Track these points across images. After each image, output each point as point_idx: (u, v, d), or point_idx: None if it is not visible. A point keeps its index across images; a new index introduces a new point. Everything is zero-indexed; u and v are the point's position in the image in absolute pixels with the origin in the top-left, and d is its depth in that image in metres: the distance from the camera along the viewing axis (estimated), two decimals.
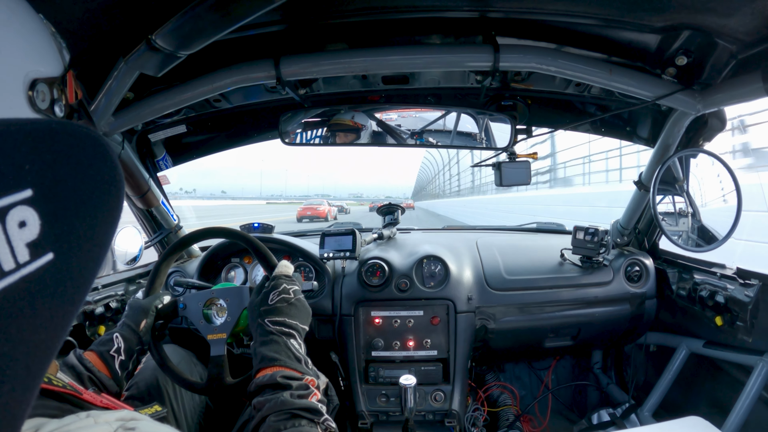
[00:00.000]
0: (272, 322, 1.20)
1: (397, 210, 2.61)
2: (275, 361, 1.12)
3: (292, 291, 1.28)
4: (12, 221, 0.35)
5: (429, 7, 1.46)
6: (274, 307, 1.23)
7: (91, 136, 0.42)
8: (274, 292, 1.26)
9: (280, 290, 1.26)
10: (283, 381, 1.07)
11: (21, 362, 0.35)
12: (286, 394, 1.04)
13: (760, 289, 1.67)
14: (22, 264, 0.35)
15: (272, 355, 1.13)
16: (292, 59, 1.56)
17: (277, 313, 1.22)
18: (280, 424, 0.98)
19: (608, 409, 2.39)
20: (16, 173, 0.35)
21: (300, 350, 1.19)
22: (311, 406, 1.03)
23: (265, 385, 1.07)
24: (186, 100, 1.64)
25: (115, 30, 1.20)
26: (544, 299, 2.23)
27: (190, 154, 2.45)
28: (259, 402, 1.05)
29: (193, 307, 1.45)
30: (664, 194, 1.87)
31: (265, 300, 1.24)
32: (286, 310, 1.23)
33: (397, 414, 2.09)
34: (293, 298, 1.27)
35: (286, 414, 1.00)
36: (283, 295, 1.25)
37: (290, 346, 1.17)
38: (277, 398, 1.03)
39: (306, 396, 1.06)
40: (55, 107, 0.69)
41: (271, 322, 1.20)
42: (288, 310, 1.23)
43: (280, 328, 1.19)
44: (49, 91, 0.67)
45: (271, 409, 1.01)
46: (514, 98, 2.03)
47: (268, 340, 1.17)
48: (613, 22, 1.42)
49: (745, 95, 1.39)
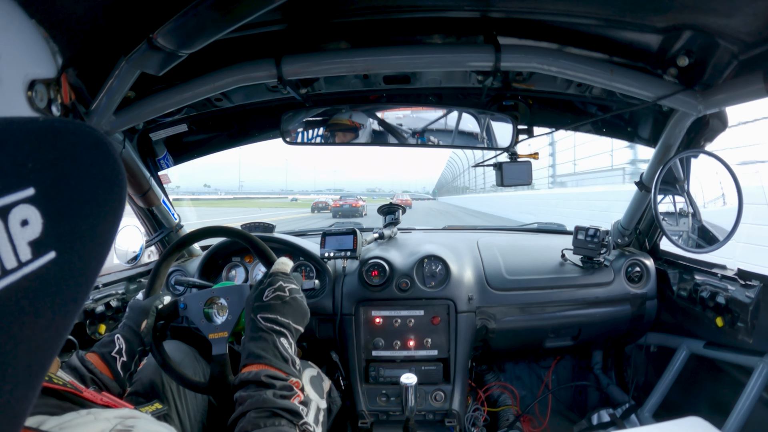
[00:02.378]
0: (264, 319, 1.19)
1: (398, 210, 2.61)
2: (261, 359, 1.12)
3: (288, 289, 1.27)
4: (14, 220, 0.35)
5: (430, 7, 1.46)
6: (267, 304, 1.22)
7: (93, 135, 0.42)
8: (269, 289, 1.25)
9: (276, 287, 1.25)
10: (267, 380, 1.07)
11: (23, 361, 0.35)
12: (269, 392, 1.05)
13: (761, 290, 1.66)
14: (24, 262, 0.35)
15: (259, 352, 1.13)
16: (294, 58, 1.56)
17: (270, 310, 1.21)
18: (260, 420, 0.99)
19: (608, 410, 2.39)
20: (18, 172, 0.35)
21: (289, 350, 1.18)
22: (292, 407, 1.04)
23: (249, 381, 1.08)
24: (187, 99, 1.64)
25: (117, 29, 1.20)
26: (545, 299, 2.23)
27: (191, 153, 2.45)
28: (242, 396, 1.06)
29: (194, 306, 1.44)
30: (665, 195, 1.87)
31: (260, 296, 1.24)
32: (279, 308, 1.22)
33: (397, 414, 2.09)
34: (288, 297, 1.25)
35: (267, 412, 1.01)
36: (278, 292, 1.25)
37: (278, 344, 1.17)
38: (260, 395, 1.04)
39: (288, 397, 1.07)
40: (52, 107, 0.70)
41: (263, 319, 1.19)
42: (281, 308, 1.23)
43: (271, 325, 1.19)
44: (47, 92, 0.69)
45: (252, 405, 1.02)
46: (516, 98, 2.04)
47: (257, 337, 1.17)
48: (615, 23, 1.42)
49: (746, 96, 1.39)
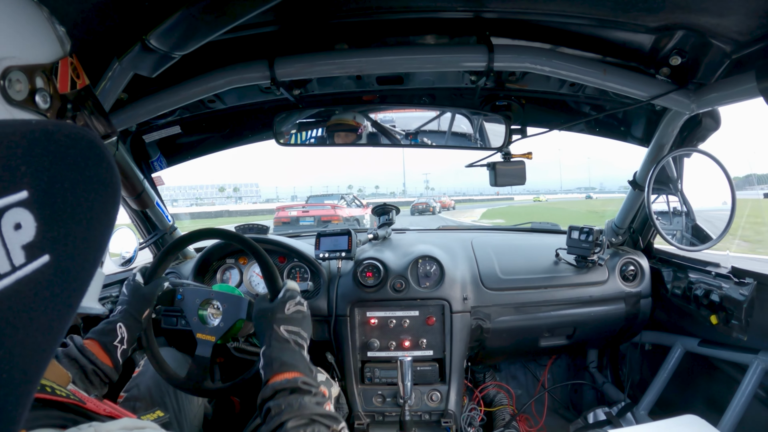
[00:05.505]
0: (288, 331, 1.19)
1: (392, 210, 2.61)
2: (294, 367, 1.11)
3: (306, 305, 1.29)
4: (7, 223, 0.34)
5: (423, 8, 1.46)
6: (290, 316, 1.23)
7: (87, 138, 0.42)
8: (291, 302, 1.25)
9: (297, 301, 1.27)
10: (305, 387, 1.05)
11: (18, 365, 0.35)
12: (306, 398, 1.02)
13: (754, 287, 1.67)
14: (17, 266, 0.35)
15: (291, 361, 1.12)
16: (287, 60, 1.56)
17: (294, 322, 1.22)
18: (300, 429, 0.95)
19: (604, 408, 2.40)
20: (11, 175, 0.35)
21: (310, 362, 1.19)
22: (331, 413, 1.02)
23: (284, 389, 1.04)
24: (180, 100, 1.64)
25: (110, 30, 1.19)
26: (540, 299, 2.23)
27: (185, 155, 2.44)
28: (276, 406, 1.01)
29: (190, 301, 1.44)
30: (659, 193, 1.88)
31: (282, 308, 1.23)
32: (300, 321, 1.24)
33: (393, 414, 2.09)
34: (306, 312, 1.28)
35: (306, 419, 0.97)
36: (299, 307, 1.26)
37: (305, 356, 1.17)
38: (299, 402, 1.00)
39: (323, 404, 1.05)
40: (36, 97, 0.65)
41: (286, 331, 1.19)
42: (302, 322, 1.24)
43: (296, 338, 1.19)
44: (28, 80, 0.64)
45: (290, 413, 0.98)
46: (509, 98, 2.04)
47: (284, 347, 1.16)
48: (607, 23, 1.43)
49: (738, 95, 1.40)
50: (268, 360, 1.13)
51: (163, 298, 1.46)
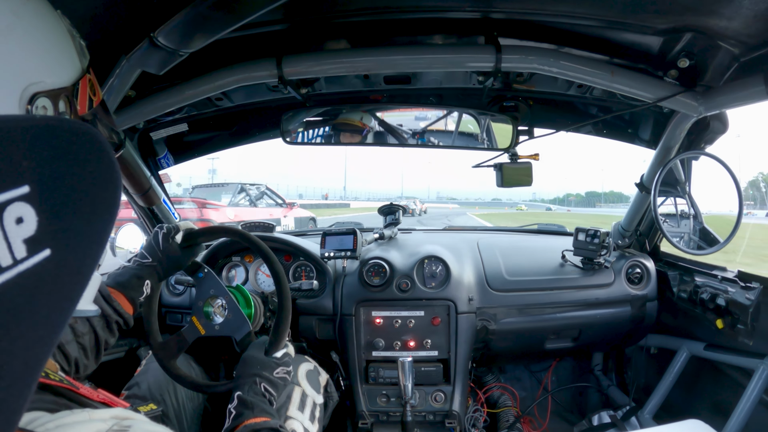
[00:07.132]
0: (266, 390, 1.25)
1: (398, 210, 2.61)
2: (270, 415, 1.17)
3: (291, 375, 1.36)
4: (9, 217, 0.35)
5: (431, 8, 1.46)
6: (275, 380, 1.28)
7: (88, 133, 0.42)
8: (283, 368, 1.32)
9: (287, 370, 1.33)
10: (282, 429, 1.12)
11: (19, 358, 0.35)
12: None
13: (761, 292, 1.66)
14: (19, 260, 0.35)
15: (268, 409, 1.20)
16: (295, 58, 1.56)
17: (276, 386, 1.28)
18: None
19: (609, 411, 2.39)
20: (13, 169, 0.35)
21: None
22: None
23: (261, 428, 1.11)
24: (188, 98, 1.65)
25: (118, 28, 1.20)
26: (545, 300, 2.23)
27: (192, 153, 2.45)
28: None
29: (206, 286, 1.46)
30: (666, 196, 1.87)
31: (271, 369, 1.29)
32: (281, 387, 1.31)
33: (397, 414, 2.09)
34: (288, 379, 1.34)
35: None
36: (286, 375, 1.32)
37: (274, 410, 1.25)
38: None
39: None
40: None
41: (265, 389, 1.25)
42: (282, 388, 1.31)
43: (271, 397, 1.26)
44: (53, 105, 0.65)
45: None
46: (516, 99, 2.03)
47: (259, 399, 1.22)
48: (616, 24, 1.42)
49: (746, 98, 1.39)
50: (243, 402, 1.19)
51: (190, 266, 1.48)
